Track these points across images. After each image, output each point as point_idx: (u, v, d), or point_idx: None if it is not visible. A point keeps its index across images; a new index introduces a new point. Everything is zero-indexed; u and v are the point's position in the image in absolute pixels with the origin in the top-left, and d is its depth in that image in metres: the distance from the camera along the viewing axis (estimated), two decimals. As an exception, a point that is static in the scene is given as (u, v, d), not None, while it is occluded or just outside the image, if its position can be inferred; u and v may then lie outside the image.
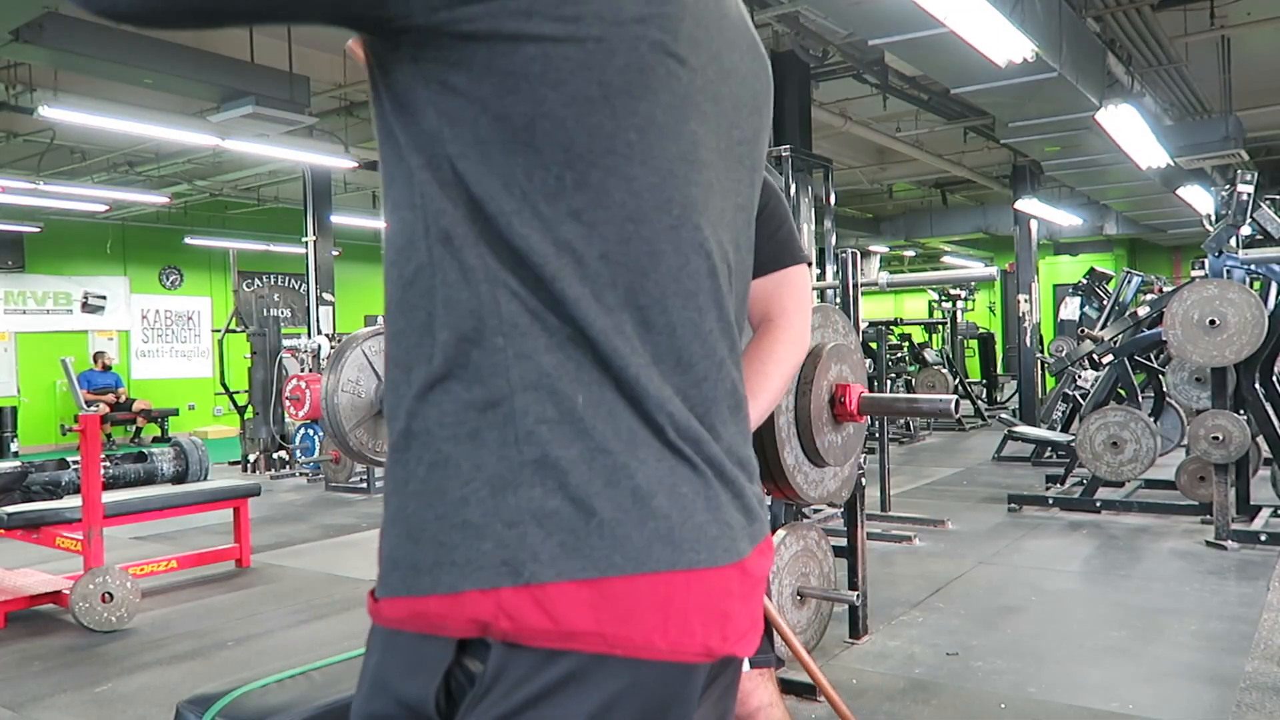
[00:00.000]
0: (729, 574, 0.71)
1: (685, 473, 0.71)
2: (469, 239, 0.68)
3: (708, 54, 0.75)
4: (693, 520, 0.70)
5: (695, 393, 0.73)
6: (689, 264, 0.73)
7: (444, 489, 0.68)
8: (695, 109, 0.74)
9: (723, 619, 0.70)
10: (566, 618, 0.65)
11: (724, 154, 0.79)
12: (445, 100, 0.67)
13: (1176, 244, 17.09)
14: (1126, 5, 6.94)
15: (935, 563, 4.92)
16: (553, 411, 0.67)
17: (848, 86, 8.55)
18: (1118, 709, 2.95)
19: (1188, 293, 5.15)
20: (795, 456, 2.48)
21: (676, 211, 0.72)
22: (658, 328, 0.71)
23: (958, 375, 12.34)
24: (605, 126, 0.68)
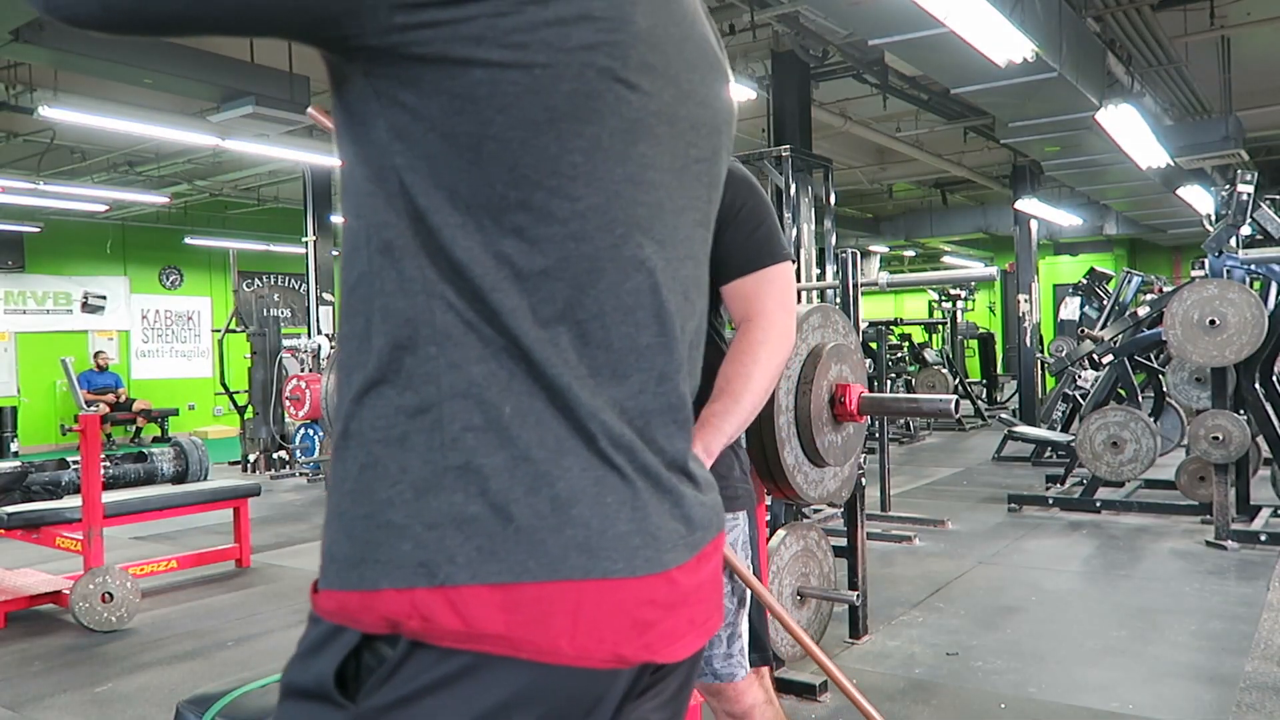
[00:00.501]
0: (651, 584, 0.74)
1: (613, 482, 0.73)
2: (409, 250, 0.71)
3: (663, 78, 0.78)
4: (614, 530, 0.72)
5: (633, 405, 0.76)
6: (629, 281, 0.76)
7: (373, 489, 0.71)
8: (646, 132, 0.76)
9: (642, 627, 0.73)
10: (477, 620, 0.68)
11: (679, 173, 0.82)
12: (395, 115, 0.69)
13: (1176, 244, 17.09)
14: (1126, 5, 6.94)
15: (935, 563, 4.92)
16: (479, 419, 0.70)
17: (848, 86, 8.55)
18: (1118, 709, 2.95)
19: (1188, 293, 5.15)
20: (795, 456, 2.48)
21: (620, 230, 0.75)
22: (595, 341, 0.74)
23: (958, 375, 12.34)
24: (551, 149, 0.71)
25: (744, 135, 10.14)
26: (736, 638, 1.58)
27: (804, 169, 6.23)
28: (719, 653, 1.56)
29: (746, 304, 1.56)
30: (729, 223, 1.56)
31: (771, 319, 1.54)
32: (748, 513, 1.63)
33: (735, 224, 1.56)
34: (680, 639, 0.77)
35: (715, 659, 1.56)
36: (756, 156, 5.96)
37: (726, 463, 1.58)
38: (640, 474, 0.75)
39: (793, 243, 5.90)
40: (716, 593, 0.85)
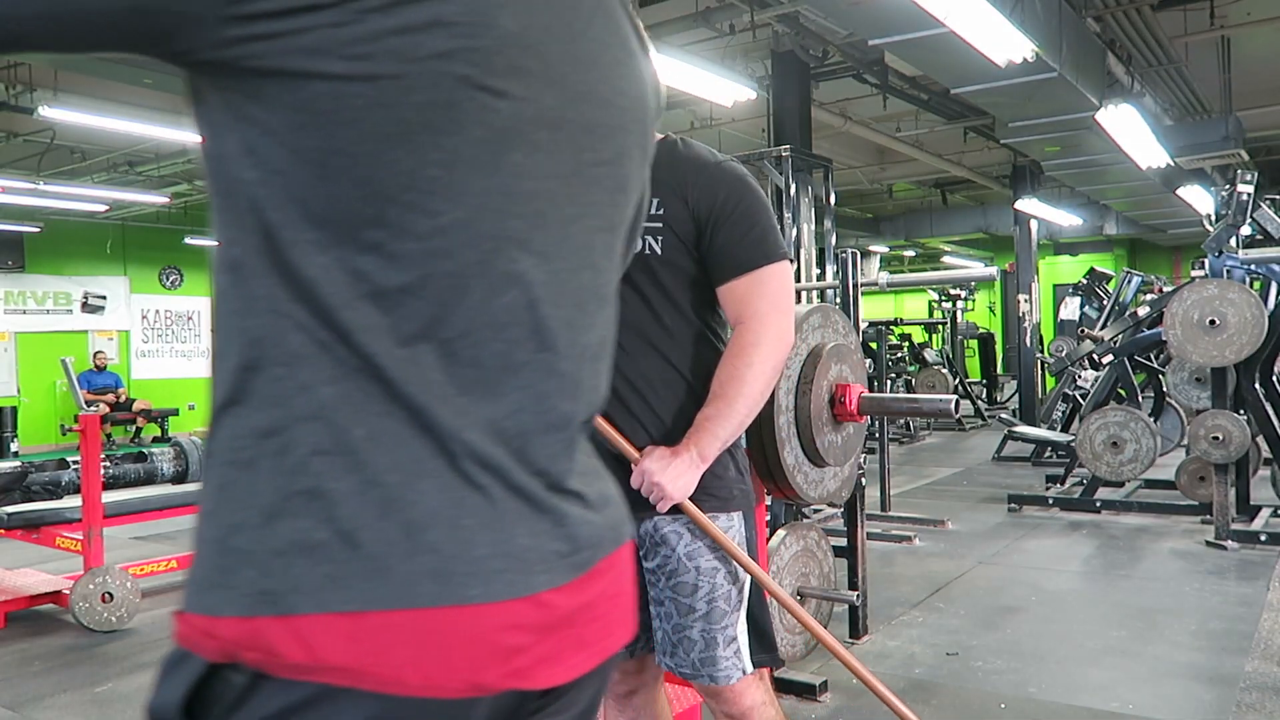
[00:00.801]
0: (515, 608, 0.71)
1: (475, 504, 0.71)
2: (258, 268, 0.68)
3: (542, 82, 0.74)
4: (470, 554, 0.69)
5: (510, 424, 0.73)
6: (501, 297, 0.73)
7: (224, 513, 0.69)
8: (521, 140, 0.73)
9: (505, 653, 0.70)
10: (321, 650, 0.65)
11: (569, 180, 0.78)
12: (244, 130, 0.67)
13: (1176, 244, 17.10)
14: (1126, 5, 6.94)
15: (935, 563, 4.92)
16: (329, 442, 0.67)
17: (848, 86, 8.55)
18: (1118, 709, 2.95)
19: (1188, 293, 5.15)
20: (795, 456, 2.48)
21: (488, 245, 0.72)
22: (464, 360, 0.71)
23: (958, 375, 12.34)
24: (404, 163, 0.67)
25: (744, 135, 10.14)
26: (733, 639, 1.57)
27: (804, 169, 6.23)
28: (716, 655, 1.56)
29: (740, 306, 1.55)
30: (721, 224, 1.55)
31: (765, 320, 1.53)
32: (744, 514, 1.62)
33: (728, 225, 1.55)
34: (562, 661, 0.75)
35: (712, 661, 1.56)
36: (756, 156, 5.96)
37: (722, 463, 1.58)
38: (512, 495, 0.73)
39: (792, 243, 5.90)
40: (617, 608, 0.82)
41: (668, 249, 1.57)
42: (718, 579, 1.56)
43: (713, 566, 1.56)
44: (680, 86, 6.04)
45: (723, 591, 1.56)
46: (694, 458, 1.48)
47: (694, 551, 1.55)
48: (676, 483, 1.46)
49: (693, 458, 1.48)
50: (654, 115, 0.92)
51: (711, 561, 1.56)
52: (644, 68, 0.88)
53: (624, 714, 1.76)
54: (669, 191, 1.58)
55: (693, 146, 1.66)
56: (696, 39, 6.92)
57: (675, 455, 1.48)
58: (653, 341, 1.58)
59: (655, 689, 1.78)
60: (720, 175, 1.59)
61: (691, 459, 1.48)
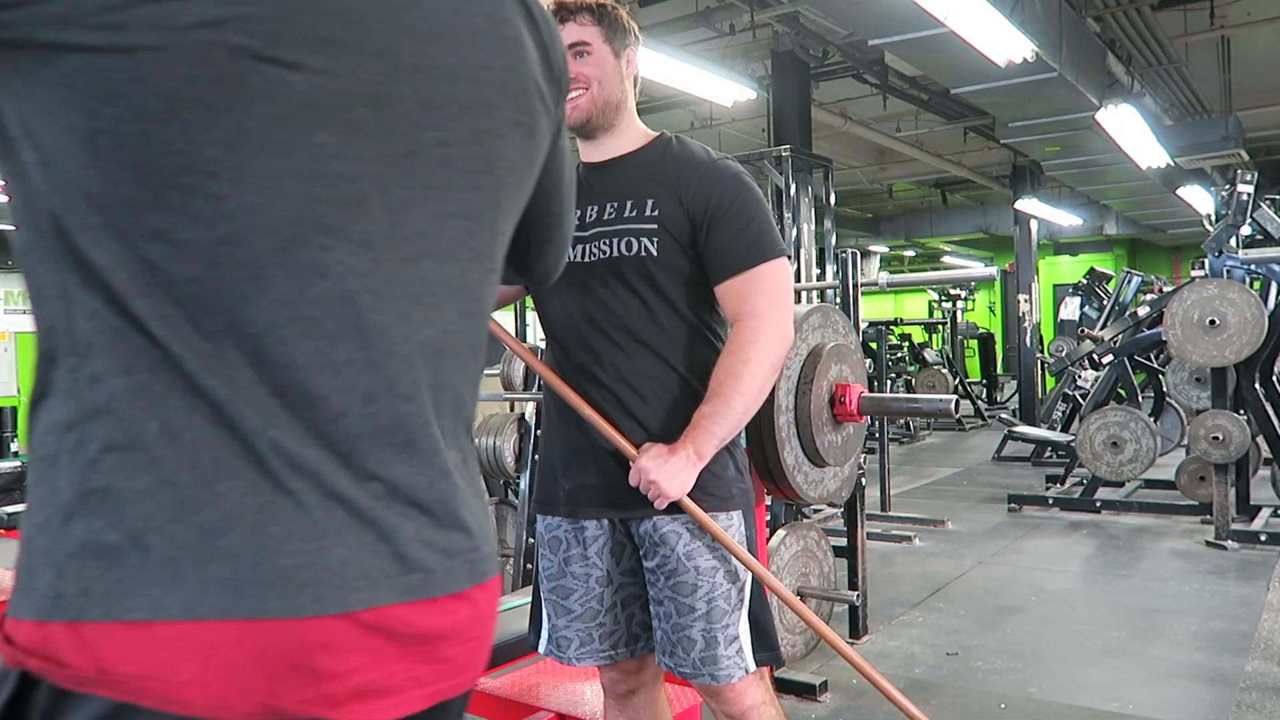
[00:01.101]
0: (325, 625, 0.65)
1: (284, 509, 0.65)
2: (49, 254, 0.64)
3: (358, 54, 0.68)
4: (273, 563, 0.63)
5: (333, 428, 0.67)
6: (310, 289, 0.66)
7: (33, 511, 0.65)
8: (330, 117, 0.66)
9: (313, 676, 0.64)
10: (108, 661, 0.60)
11: (403, 161, 0.71)
12: (17, 106, 0.62)
13: (1176, 244, 17.10)
14: (1126, 5, 6.94)
15: (935, 563, 4.92)
16: (121, 438, 0.62)
17: (848, 86, 8.55)
18: (1118, 709, 2.95)
19: (1188, 293, 5.15)
20: (795, 456, 2.48)
21: (289, 233, 0.65)
22: (273, 358, 0.65)
23: (958, 375, 12.34)
24: (177, 143, 0.62)
25: (744, 135, 10.14)
26: (734, 639, 1.57)
27: (804, 169, 6.22)
28: (717, 654, 1.56)
29: (738, 304, 1.54)
30: (717, 222, 1.54)
31: (763, 317, 1.52)
32: (743, 513, 1.62)
33: (724, 223, 1.55)
34: (387, 695, 0.68)
35: (714, 660, 1.56)
36: (756, 156, 5.96)
37: (721, 462, 1.57)
38: (330, 502, 0.66)
39: (792, 243, 5.90)
40: (466, 649, 0.75)
41: (663, 250, 1.56)
42: (717, 578, 1.56)
43: (712, 566, 1.55)
44: (680, 86, 6.04)
45: (722, 591, 1.56)
46: (690, 455, 1.47)
47: (693, 551, 1.55)
48: (673, 481, 1.46)
49: (689, 455, 1.47)
50: (550, 87, 0.85)
51: (711, 561, 1.55)
52: (522, 37, 0.81)
53: (624, 714, 1.76)
54: (663, 191, 1.57)
55: (687, 145, 1.65)
56: (696, 39, 6.92)
57: (672, 453, 1.47)
58: (649, 342, 1.57)
59: (655, 689, 1.78)
60: (715, 173, 1.58)
61: (688, 456, 1.47)
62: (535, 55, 0.82)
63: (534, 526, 4.11)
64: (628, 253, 1.56)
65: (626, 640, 1.68)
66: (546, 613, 1.70)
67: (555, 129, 0.90)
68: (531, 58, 0.82)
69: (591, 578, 1.64)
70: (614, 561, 1.64)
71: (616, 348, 1.58)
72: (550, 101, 0.86)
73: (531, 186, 0.87)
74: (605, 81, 1.58)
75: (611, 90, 1.59)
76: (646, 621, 1.65)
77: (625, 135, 1.65)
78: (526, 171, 0.84)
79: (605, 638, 1.66)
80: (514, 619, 2.28)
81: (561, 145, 0.93)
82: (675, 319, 1.58)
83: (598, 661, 1.68)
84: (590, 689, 2.41)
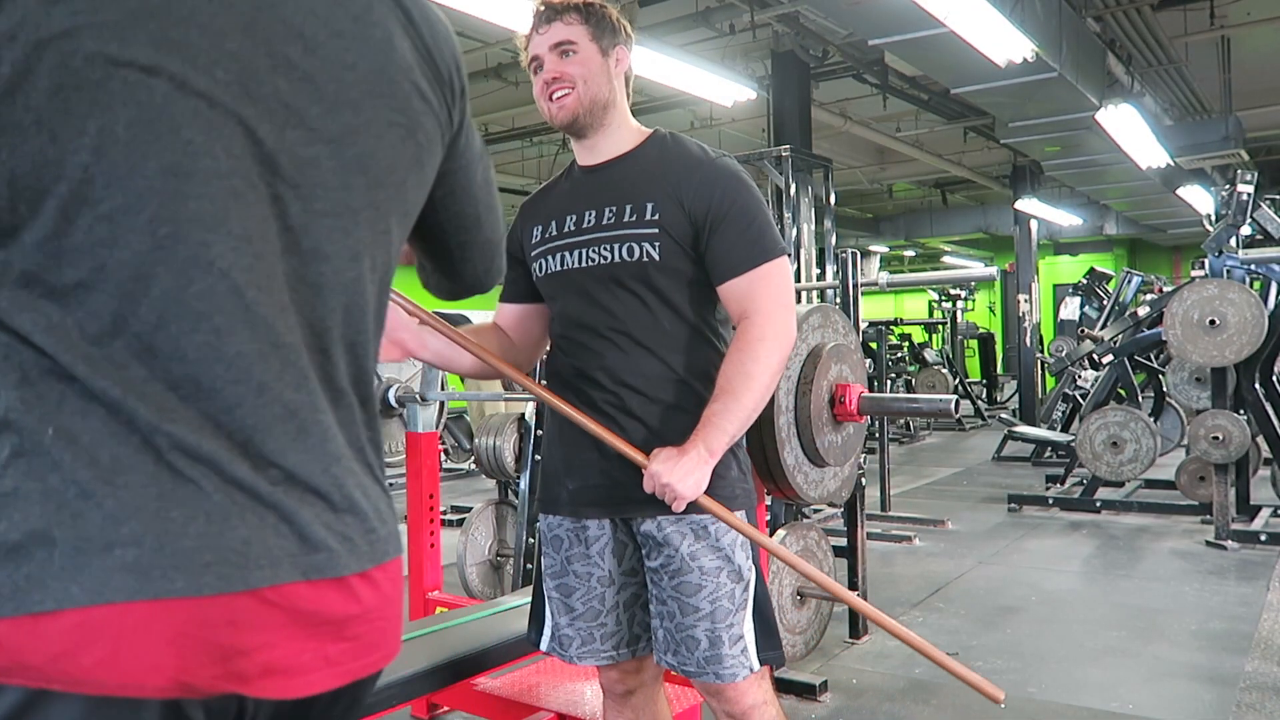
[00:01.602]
0: (230, 603, 0.68)
1: (185, 495, 0.68)
2: None
3: (213, 54, 0.70)
4: (176, 545, 0.66)
5: (229, 418, 0.70)
6: (194, 284, 0.69)
7: None
8: (194, 116, 0.69)
9: (223, 652, 0.67)
10: (19, 653, 0.63)
11: (271, 158, 0.74)
12: None
13: (1176, 244, 17.10)
14: (1126, 5, 6.94)
15: (935, 563, 4.92)
16: (24, 444, 0.66)
17: (848, 86, 8.55)
18: (1118, 709, 2.95)
19: (1188, 293, 5.15)
20: (795, 456, 2.48)
21: (165, 230, 0.68)
22: (164, 353, 0.68)
23: (958, 375, 12.34)
24: (48, 153, 0.64)
25: (744, 135, 10.14)
26: (739, 638, 1.57)
27: (804, 169, 6.23)
28: (721, 653, 1.55)
29: (742, 303, 1.54)
30: (719, 224, 1.54)
31: (769, 316, 1.52)
32: (747, 512, 1.61)
33: (725, 224, 1.54)
34: (299, 673, 0.71)
35: (718, 659, 1.55)
36: (756, 156, 5.97)
37: (724, 463, 1.57)
38: (230, 487, 0.69)
39: (792, 243, 5.90)
40: (374, 627, 0.78)
41: (665, 254, 1.55)
42: (721, 578, 1.55)
43: (716, 566, 1.55)
44: (680, 86, 6.04)
45: (726, 590, 1.55)
46: (701, 453, 1.46)
47: (697, 551, 1.55)
48: (687, 481, 1.44)
49: (700, 453, 1.46)
50: (435, 88, 0.87)
51: (715, 561, 1.55)
52: (393, 39, 0.82)
53: (623, 714, 1.76)
54: (662, 194, 1.56)
55: (683, 143, 1.64)
56: (696, 39, 6.92)
57: (683, 453, 1.46)
58: (652, 345, 1.57)
59: (655, 689, 1.78)
60: (715, 173, 1.57)
61: (699, 454, 1.46)
62: (412, 57, 0.84)
63: (534, 526, 4.11)
64: (629, 258, 1.56)
65: (628, 640, 1.67)
66: (549, 611, 1.70)
67: (453, 130, 0.92)
68: (406, 59, 0.83)
69: (593, 577, 1.64)
70: (615, 562, 1.64)
71: (619, 351, 1.58)
72: (437, 102, 0.87)
73: (424, 187, 0.89)
74: (591, 80, 1.58)
75: (598, 89, 1.59)
76: (648, 622, 1.64)
77: (618, 135, 1.64)
78: (413, 172, 0.86)
79: (607, 638, 1.66)
80: (514, 619, 2.28)
81: (467, 147, 0.96)
82: (678, 321, 1.58)
83: (599, 661, 1.68)
84: (590, 689, 2.41)
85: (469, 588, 3.94)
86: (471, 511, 4.10)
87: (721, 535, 1.57)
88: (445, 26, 0.90)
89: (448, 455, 6.59)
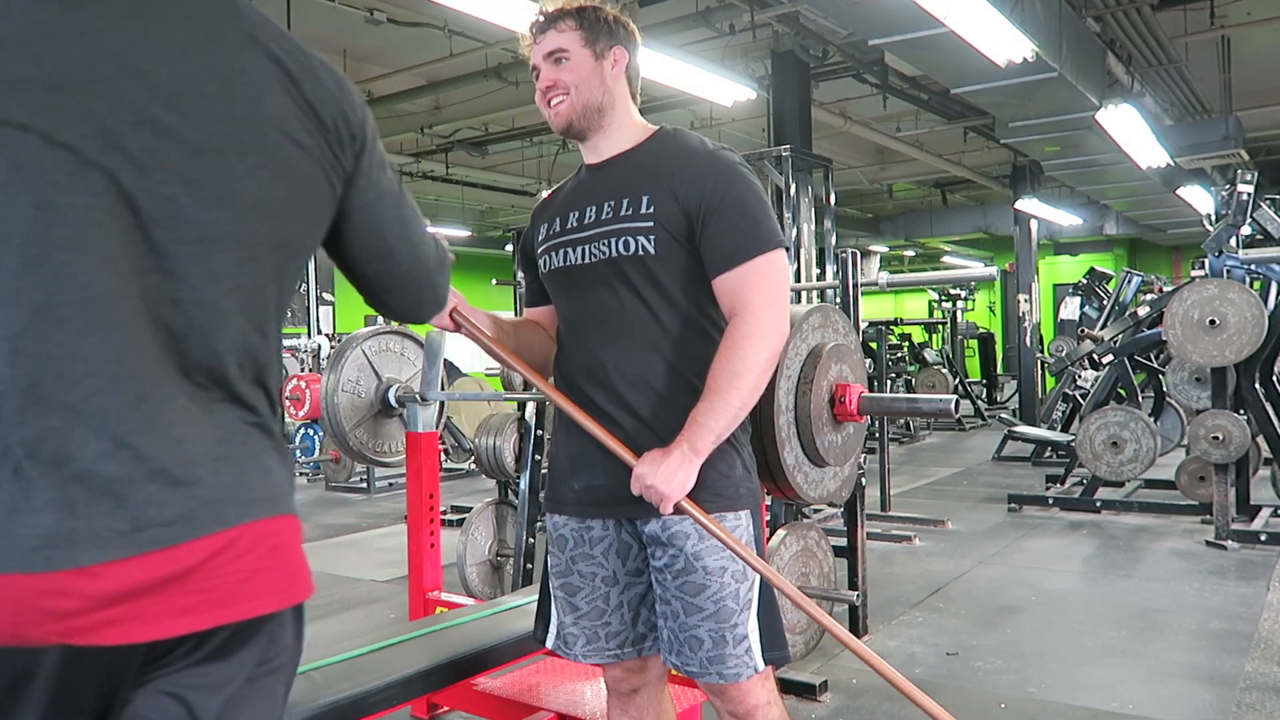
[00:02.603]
0: (57, 579, 0.82)
1: (22, 495, 0.82)
2: None
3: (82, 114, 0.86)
4: (13, 535, 0.82)
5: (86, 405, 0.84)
6: (57, 295, 0.83)
7: None
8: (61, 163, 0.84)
9: (51, 615, 0.82)
10: None
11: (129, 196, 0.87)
12: None
13: (1176, 244, 17.09)
14: (1126, 5, 6.94)
15: (935, 563, 4.92)
16: None
17: (848, 86, 8.55)
18: (1118, 709, 2.95)
19: (1188, 293, 5.15)
20: (795, 456, 2.48)
21: (34, 252, 0.83)
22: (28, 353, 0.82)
23: (958, 375, 12.34)
24: None
25: (744, 135, 10.14)
26: (743, 638, 1.56)
27: (804, 169, 6.22)
28: (725, 653, 1.55)
29: (733, 298, 1.53)
30: (711, 215, 1.53)
31: (758, 313, 1.50)
32: (751, 511, 1.60)
33: (717, 216, 1.53)
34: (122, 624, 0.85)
35: (721, 659, 1.55)
36: (757, 157, 5.96)
37: (728, 461, 1.56)
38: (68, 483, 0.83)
39: (793, 243, 5.90)
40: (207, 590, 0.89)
41: (661, 247, 1.54)
42: (725, 578, 1.54)
43: (720, 566, 1.54)
44: (680, 86, 6.04)
45: (730, 590, 1.55)
46: (685, 453, 1.45)
47: (701, 551, 1.54)
48: (671, 482, 1.43)
49: (684, 453, 1.44)
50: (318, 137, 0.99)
51: (719, 561, 1.54)
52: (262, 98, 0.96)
53: (627, 713, 1.75)
54: (658, 187, 1.55)
55: (683, 137, 1.63)
56: (696, 39, 6.91)
57: (666, 454, 1.45)
58: (652, 342, 1.56)
59: (659, 688, 1.77)
60: (710, 165, 1.56)
61: (683, 455, 1.44)
62: (290, 110, 0.97)
63: (534, 526, 4.11)
64: (626, 252, 1.55)
65: (633, 640, 1.67)
66: (554, 609, 1.70)
67: (346, 172, 1.05)
68: (278, 112, 0.97)
69: (598, 577, 1.64)
70: (620, 562, 1.63)
71: (618, 348, 1.57)
72: (318, 148, 1.00)
73: (313, 222, 1.03)
74: (582, 86, 1.59)
75: (591, 94, 1.60)
76: (653, 621, 1.64)
77: (619, 134, 1.64)
78: (289, 207, 0.98)
79: (611, 637, 1.66)
80: (514, 619, 2.28)
81: (370, 187, 1.08)
82: (676, 316, 1.57)
83: (604, 660, 1.67)
84: (590, 689, 2.41)
85: (469, 588, 3.94)
86: (471, 511, 4.10)
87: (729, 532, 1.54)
88: (333, 84, 1.03)
89: (448, 455, 6.59)
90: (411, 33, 6.93)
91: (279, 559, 0.95)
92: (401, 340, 3.37)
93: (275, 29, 1.01)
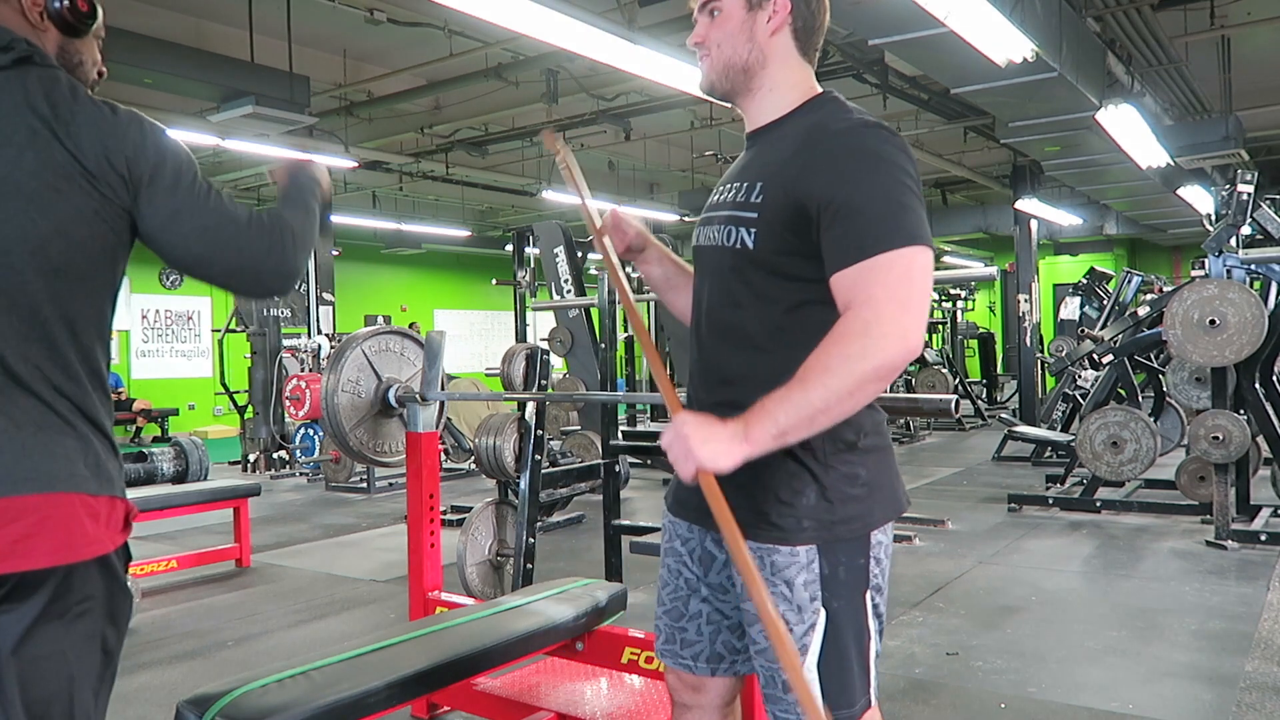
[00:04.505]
0: None
1: None
2: None
3: None
4: None
5: None
6: None
7: None
8: None
9: None
10: None
11: None
12: None
13: (1176, 244, 17.09)
14: (1126, 5, 6.94)
15: (935, 563, 4.92)
16: None
17: (848, 86, 8.54)
18: (1118, 709, 2.95)
19: (1188, 293, 5.14)
20: (795, 456, 2.48)
21: None
22: None
23: (958, 375, 12.35)
24: None
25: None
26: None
27: (804, 169, 6.22)
28: (774, 694, 1.43)
29: (850, 293, 1.27)
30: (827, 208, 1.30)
31: (878, 308, 1.22)
32: (821, 547, 1.36)
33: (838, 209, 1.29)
34: None
35: (773, 700, 1.44)
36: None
37: (793, 488, 1.35)
38: None
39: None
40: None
41: (761, 243, 1.36)
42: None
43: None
44: (681, 87, 6.03)
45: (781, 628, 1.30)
46: (737, 432, 1.21)
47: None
48: (705, 445, 1.21)
49: (735, 431, 1.21)
50: (89, 178, 1.22)
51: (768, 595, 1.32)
52: (25, 150, 1.19)
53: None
54: (778, 173, 1.37)
55: (825, 110, 1.41)
56: (696, 39, 6.91)
57: (718, 422, 1.23)
58: (743, 341, 1.41)
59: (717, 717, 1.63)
60: (841, 146, 1.33)
61: (733, 432, 1.21)
62: (54, 156, 1.20)
63: (534, 526, 4.09)
64: (728, 243, 1.40)
65: (708, 656, 1.54)
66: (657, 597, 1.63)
67: (126, 199, 1.25)
68: (35, 163, 1.19)
69: (681, 577, 1.56)
70: (702, 570, 1.53)
71: (715, 341, 1.47)
72: (87, 185, 1.22)
73: (85, 252, 1.23)
74: (726, 43, 1.43)
75: (733, 52, 1.43)
76: (733, 644, 1.54)
77: (770, 99, 1.45)
78: (53, 241, 1.20)
79: (686, 645, 1.55)
80: (514, 619, 2.28)
81: (163, 208, 1.28)
82: (768, 322, 1.38)
83: (676, 665, 1.57)
84: (590, 689, 2.41)
85: (469, 588, 3.94)
86: (471, 511, 4.10)
87: (783, 568, 1.36)
88: (96, 131, 1.23)
89: (448, 455, 6.59)
90: (411, 33, 6.94)
91: (50, 526, 1.17)
92: (401, 340, 3.37)
93: (59, 95, 1.22)
